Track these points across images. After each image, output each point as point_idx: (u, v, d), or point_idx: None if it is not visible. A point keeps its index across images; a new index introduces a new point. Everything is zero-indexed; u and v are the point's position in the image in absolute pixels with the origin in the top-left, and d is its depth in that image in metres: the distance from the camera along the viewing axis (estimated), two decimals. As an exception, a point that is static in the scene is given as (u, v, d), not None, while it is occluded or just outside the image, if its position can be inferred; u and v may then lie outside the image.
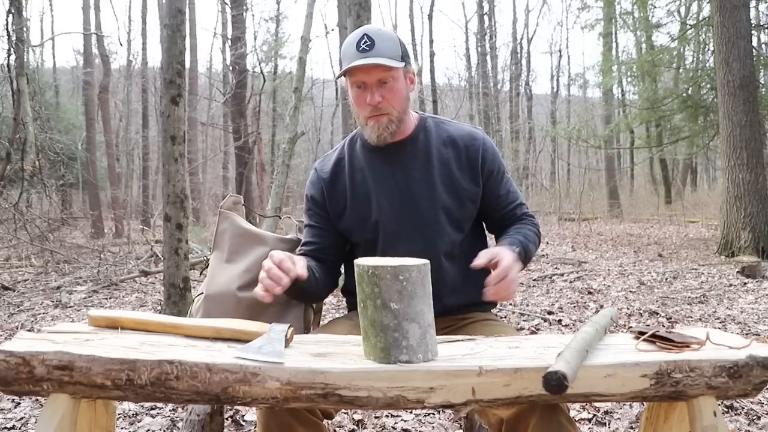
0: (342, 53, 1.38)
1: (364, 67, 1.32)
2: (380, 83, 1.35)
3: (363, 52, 1.31)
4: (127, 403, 2.43)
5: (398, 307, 0.95)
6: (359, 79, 1.35)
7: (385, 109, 1.37)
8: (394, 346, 0.96)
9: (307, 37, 8.52)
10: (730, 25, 7.01)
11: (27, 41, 8.95)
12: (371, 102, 1.35)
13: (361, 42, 1.32)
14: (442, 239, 1.43)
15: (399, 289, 0.95)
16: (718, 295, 4.75)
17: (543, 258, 7.70)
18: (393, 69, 1.34)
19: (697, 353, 1.01)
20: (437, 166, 1.44)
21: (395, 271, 0.95)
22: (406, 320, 0.96)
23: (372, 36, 1.33)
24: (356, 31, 1.36)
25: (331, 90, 25.26)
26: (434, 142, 1.47)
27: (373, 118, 1.38)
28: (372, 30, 1.34)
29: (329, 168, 1.52)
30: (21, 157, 7.58)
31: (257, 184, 14.00)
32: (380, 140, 1.41)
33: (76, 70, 22.29)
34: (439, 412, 2.33)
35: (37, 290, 5.73)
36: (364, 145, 1.49)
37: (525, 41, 26.99)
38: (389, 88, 1.36)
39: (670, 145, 13.40)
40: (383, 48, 1.32)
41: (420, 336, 0.97)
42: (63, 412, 0.97)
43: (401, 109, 1.40)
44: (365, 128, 1.42)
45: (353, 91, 1.38)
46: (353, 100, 1.40)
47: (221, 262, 1.66)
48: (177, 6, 4.04)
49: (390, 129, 1.40)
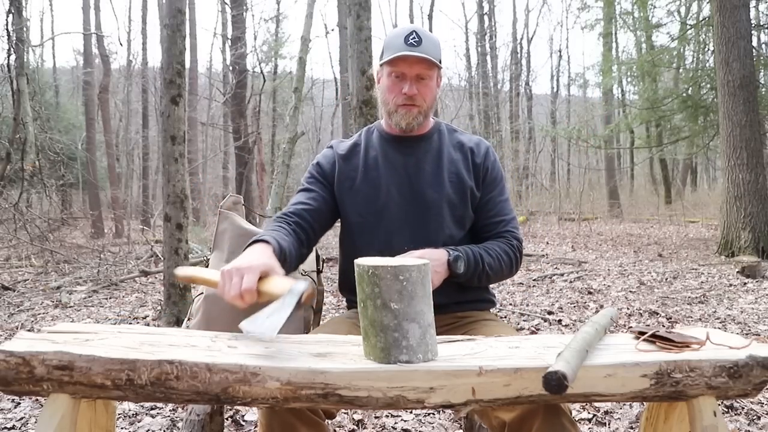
0: (386, 44, 1.46)
1: (410, 59, 1.40)
2: (418, 78, 1.43)
3: (411, 46, 1.40)
4: (127, 403, 2.43)
5: (398, 307, 0.96)
6: (400, 70, 1.43)
7: (418, 102, 1.45)
8: (394, 346, 0.96)
9: (307, 37, 8.52)
10: (730, 25, 7.01)
11: (27, 41, 8.95)
12: (408, 92, 1.43)
13: (410, 37, 1.41)
14: (443, 231, 1.46)
15: (399, 289, 0.95)
16: (718, 295, 4.75)
17: (543, 258, 7.70)
18: (433, 67, 1.43)
19: (697, 353, 1.01)
20: (447, 164, 1.51)
21: (396, 271, 0.95)
22: (406, 320, 0.96)
23: (420, 34, 1.42)
24: (405, 26, 1.45)
25: (331, 90, 25.25)
26: (446, 144, 1.55)
27: (405, 107, 1.45)
28: (420, 29, 1.44)
29: (346, 147, 1.58)
30: (21, 157, 7.58)
31: (257, 184, 14.00)
32: (408, 127, 1.49)
33: (76, 70, 22.29)
34: (439, 412, 2.33)
35: (37, 290, 5.73)
36: (381, 135, 1.57)
37: (525, 41, 27.00)
38: (425, 84, 1.45)
39: (670, 145, 13.40)
40: (429, 47, 1.42)
41: (420, 336, 0.97)
42: (63, 412, 0.97)
43: (429, 105, 1.49)
44: (393, 114, 1.48)
45: (389, 79, 1.45)
46: (387, 87, 1.46)
47: (221, 262, 1.66)
48: (177, 6, 4.04)
49: (418, 120, 1.48)
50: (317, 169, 1.56)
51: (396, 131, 1.52)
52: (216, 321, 1.55)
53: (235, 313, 1.58)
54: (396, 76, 1.44)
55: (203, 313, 1.58)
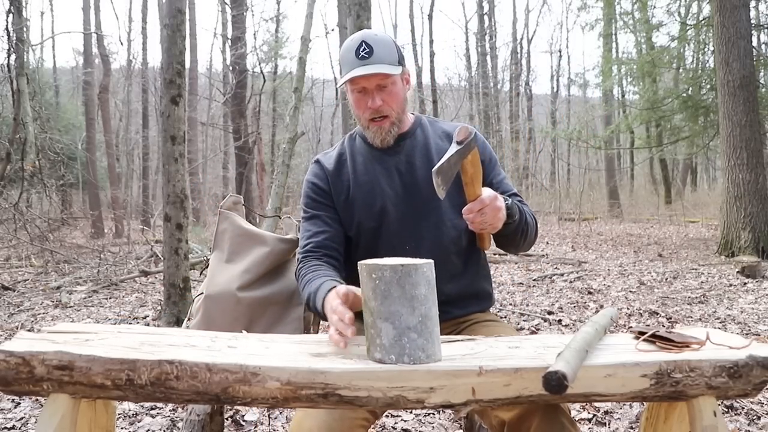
0: (341, 58, 1.42)
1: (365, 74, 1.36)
2: (380, 88, 1.40)
3: (362, 59, 1.36)
4: (127, 403, 2.43)
5: (373, 305, 0.97)
6: (360, 86, 1.40)
7: (385, 112, 1.42)
8: (372, 343, 0.98)
9: (307, 37, 8.52)
10: (730, 25, 7.01)
11: (27, 41, 8.95)
12: (372, 106, 1.40)
13: (360, 49, 1.36)
14: (445, 223, 1.46)
15: (373, 287, 0.97)
16: (718, 295, 4.75)
17: (543, 258, 7.70)
18: (392, 75, 1.39)
19: (697, 353, 1.01)
20: (435, 155, 1.49)
21: (369, 269, 0.97)
22: (380, 319, 0.97)
23: (370, 43, 1.36)
24: (354, 37, 1.40)
25: (331, 90, 25.28)
26: (431, 135, 1.53)
27: (375, 123, 1.43)
28: (369, 36, 1.38)
29: (332, 160, 1.55)
30: (21, 157, 7.58)
31: (257, 184, 14.00)
32: (384, 144, 1.47)
33: (76, 70, 22.29)
34: (439, 412, 2.33)
35: (37, 290, 5.73)
36: (365, 140, 1.54)
37: (525, 41, 27.02)
38: (388, 92, 1.41)
39: (670, 145, 13.40)
40: (382, 54, 1.37)
41: (394, 337, 0.96)
42: (63, 412, 0.97)
43: (400, 110, 1.46)
44: (367, 131, 1.47)
45: (354, 95, 1.43)
46: (354, 104, 1.44)
47: (221, 262, 1.66)
48: (177, 6, 4.04)
49: (392, 132, 1.46)
50: (317, 191, 1.51)
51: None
52: (216, 321, 1.55)
53: (235, 313, 1.58)
54: (358, 92, 1.41)
55: (203, 313, 1.58)
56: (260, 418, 2.37)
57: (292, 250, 1.68)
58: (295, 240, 1.67)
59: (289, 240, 1.68)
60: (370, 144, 1.52)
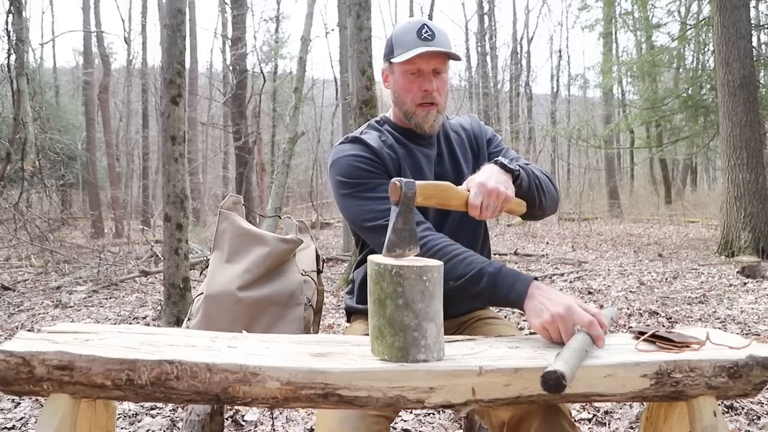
0: (398, 39, 1.37)
1: (425, 54, 1.32)
2: (435, 73, 1.36)
3: (425, 40, 1.32)
4: (127, 403, 2.43)
5: (420, 306, 0.96)
6: (417, 66, 1.35)
7: (435, 99, 1.39)
8: (413, 346, 0.96)
9: (307, 37, 8.52)
10: (730, 25, 7.01)
11: (27, 41, 8.95)
12: (428, 88, 1.36)
13: (422, 30, 1.33)
14: (465, 222, 1.42)
15: (422, 289, 0.96)
16: (718, 295, 4.75)
17: (543, 258, 7.70)
18: (447, 61, 1.37)
19: (697, 353, 1.01)
20: (457, 145, 1.50)
21: (420, 271, 0.96)
22: (426, 320, 0.97)
23: (432, 27, 1.35)
24: (413, 20, 1.37)
25: (331, 90, 25.23)
26: (449, 128, 1.54)
27: (424, 108, 1.39)
28: (430, 22, 1.36)
29: (374, 138, 1.43)
30: (21, 157, 7.58)
31: (257, 184, 14.01)
32: (431, 130, 1.43)
33: (76, 70, 22.31)
34: (439, 412, 2.33)
35: (37, 290, 5.73)
36: (394, 128, 1.47)
37: (525, 41, 27.02)
38: (441, 79, 1.38)
39: (670, 145, 13.40)
40: (442, 40, 1.35)
41: (436, 335, 0.98)
42: (63, 412, 0.97)
43: (445, 101, 1.43)
44: (412, 116, 1.41)
45: (405, 77, 1.38)
46: (402, 86, 1.39)
47: (221, 262, 1.66)
48: (177, 6, 4.04)
49: (439, 120, 1.43)
50: (366, 162, 1.36)
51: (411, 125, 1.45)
52: (216, 321, 1.55)
53: (235, 313, 1.58)
54: (412, 74, 1.36)
55: (203, 313, 1.57)
56: (260, 418, 2.37)
57: (292, 250, 1.68)
58: (295, 240, 1.67)
59: (290, 240, 1.68)
60: (402, 131, 1.46)
